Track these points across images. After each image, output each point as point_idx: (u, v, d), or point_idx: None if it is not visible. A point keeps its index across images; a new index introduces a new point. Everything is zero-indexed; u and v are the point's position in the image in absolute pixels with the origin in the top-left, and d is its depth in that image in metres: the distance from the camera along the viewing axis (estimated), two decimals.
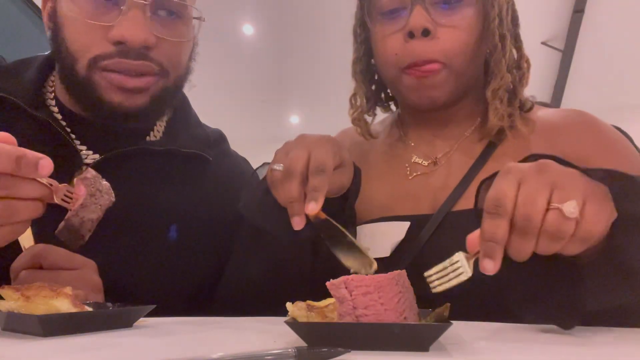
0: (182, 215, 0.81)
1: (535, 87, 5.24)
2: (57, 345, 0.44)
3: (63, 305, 0.50)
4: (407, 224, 0.74)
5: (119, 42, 0.71)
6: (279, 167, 0.61)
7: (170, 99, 0.82)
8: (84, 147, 0.79)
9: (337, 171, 0.63)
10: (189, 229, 0.82)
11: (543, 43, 4.36)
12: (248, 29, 4.42)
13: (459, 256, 0.47)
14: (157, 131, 0.87)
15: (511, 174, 0.47)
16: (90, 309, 0.54)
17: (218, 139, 0.96)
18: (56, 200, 0.54)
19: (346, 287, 0.42)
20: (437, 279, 0.47)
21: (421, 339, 0.41)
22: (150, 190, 0.80)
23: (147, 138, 0.85)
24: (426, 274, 0.47)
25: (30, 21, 2.83)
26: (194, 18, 0.80)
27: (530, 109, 0.80)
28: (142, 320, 0.58)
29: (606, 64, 4.69)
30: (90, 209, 0.57)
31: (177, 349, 0.44)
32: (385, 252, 0.72)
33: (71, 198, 0.56)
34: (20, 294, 0.50)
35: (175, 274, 0.80)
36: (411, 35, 0.74)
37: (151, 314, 0.57)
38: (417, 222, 0.74)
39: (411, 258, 0.71)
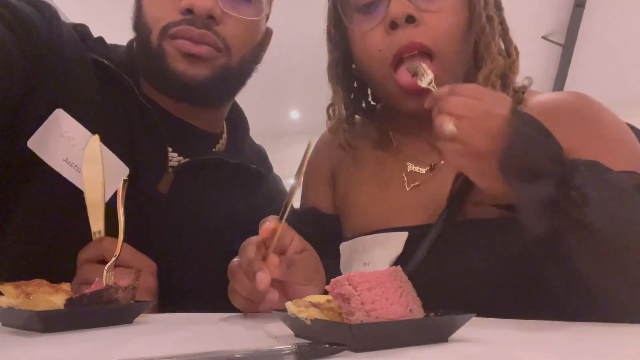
0: (241, 223, 0.82)
1: (536, 81, 5.19)
2: (57, 341, 0.44)
3: (63, 301, 0.50)
4: (404, 235, 0.72)
5: (188, 11, 0.74)
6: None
7: (233, 80, 0.83)
8: (168, 148, 0.81)
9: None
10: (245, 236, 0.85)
11: (543, 37, 4.35)
12: None
13: None
14: (222, 142, 0.90)
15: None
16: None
17: (265, 157, 1.01)
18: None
19: (350, 284, 0.42)
20: None
21: (442, 330, 0.42)
22: (219, 197, 0.84)
23: (217, 145, 0.89)
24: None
25: None
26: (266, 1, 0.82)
27: (521, 101, 0.76)
28: (143, 317, 0.58)
29: (607, 58, 4.68)
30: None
31: (177, 345, 0.44)
32: (384, 267, 0.71)
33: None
34: (20, 290, 0.50)
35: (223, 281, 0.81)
36: (393, 25, 0.69)
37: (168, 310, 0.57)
38: (416, 233, 0.71)
39: (409, 272, 0.69)
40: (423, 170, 0.77)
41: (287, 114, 6.03)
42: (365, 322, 0.40)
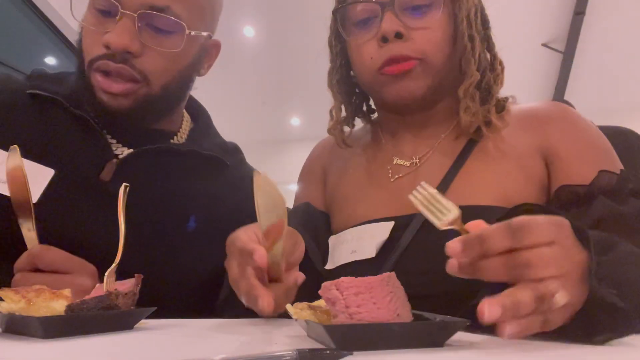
0: (198, 211, 0.87)
1: (536, 88, 5.25)
2: (57, 347, 0.44)
3: (63, 307, 0.50)
4: (391, 224, 0.76)
5: (107, 47, 0.78)
6: None
7: (157, 105, 0.86)
8: (119, 145, 0.87)
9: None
10: (204, 224, 0.87)
11: (544, 45, 4.37)
12: (249, 31, 4.43)
13: None
14: (181, 136, 0.95)
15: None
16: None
17: (235, 149, 1.04)
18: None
19: (337, 289, 0.43)
20: None
21: (438, 335, 0.42)
22: (170, 185, 0.87)
23: (172, 140, 0.92)
24: None
25: (30, 21, 2.83)
26: (192, 33, 0.83)
27: (503, 108, 0.80)
28: (143, 322, 0.58)
29: (607, 65, 4.70)
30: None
31: (178, 351, 0.44)
32: (371, 254, 0.74)
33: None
34: (21, 296, 0.50)
35: (186, 267, 0.84)
36: (384, 39, 0.77)
37: (154, 316, 0.57)
38: (401, 222, 0.75)
39: (396, 257, 0.72)
40: (407, 163, 0.83)
41: (288, 121, 6.05)
42: (342, 324, 0.41)
